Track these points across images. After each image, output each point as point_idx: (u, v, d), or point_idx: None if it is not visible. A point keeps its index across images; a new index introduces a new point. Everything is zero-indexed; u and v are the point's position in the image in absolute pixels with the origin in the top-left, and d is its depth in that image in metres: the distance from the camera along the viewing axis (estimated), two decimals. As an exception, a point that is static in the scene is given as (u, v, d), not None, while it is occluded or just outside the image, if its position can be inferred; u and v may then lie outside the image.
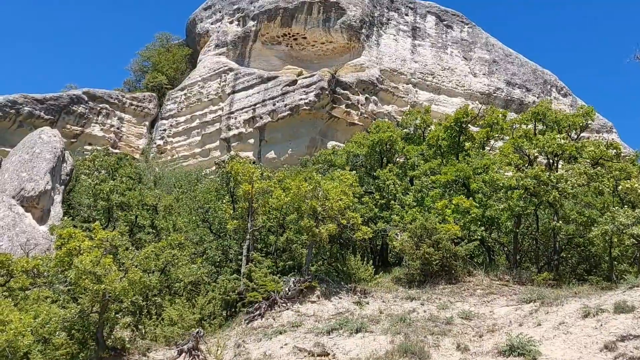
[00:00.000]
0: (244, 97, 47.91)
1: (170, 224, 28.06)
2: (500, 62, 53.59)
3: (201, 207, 27.83)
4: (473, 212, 20.47)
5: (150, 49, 60.98)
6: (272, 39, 50.40)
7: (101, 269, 16.69)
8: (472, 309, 16.97)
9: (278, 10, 49.42)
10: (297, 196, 20.50)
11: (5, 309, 15.32)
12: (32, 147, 33.58)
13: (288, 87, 45.47)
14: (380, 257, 25.02)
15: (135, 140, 52.63)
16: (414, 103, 48.32)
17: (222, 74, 50.42)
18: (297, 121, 44.19)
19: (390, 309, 17.75)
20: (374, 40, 49.91)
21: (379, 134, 26.25)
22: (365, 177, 25.83)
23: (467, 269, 20.45)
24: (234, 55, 51.45)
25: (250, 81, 48.30)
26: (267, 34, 50.18)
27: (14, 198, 29.78)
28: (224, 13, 54.07)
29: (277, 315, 18.42)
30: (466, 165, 22.27)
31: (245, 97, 47.77)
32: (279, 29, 49.68)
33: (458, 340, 14.67)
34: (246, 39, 50.99)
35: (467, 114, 24.16)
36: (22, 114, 46.11)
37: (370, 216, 23.07)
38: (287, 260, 22.04)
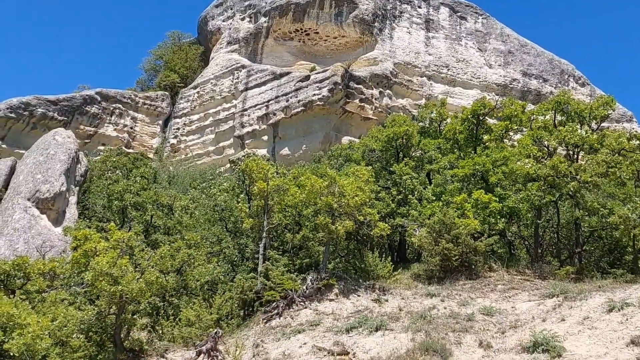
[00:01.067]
0: (257, 93, 47.98)
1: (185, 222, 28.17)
2: (515, 52, 52.95)
3: (217, 206, 27.91)
4: (492, 206, 20.24)
5: (163, 47, 61.38)
6: (284, 34, 50.37)
7: (117, 270, 16.74)
8: (493, 305, 16.77)
9: (290, 5, 49.37)
10: (313, 193, 20.43)
11: (23, 312, 15.38)
12: (46, 148, 33.94)
13: (301, 83, 45.42)
14: (399, 253, 24.87)
15: (148, 140, 53.02)
16: (429, 96, 47.96)
17: (235, 71, 50.54)
18: (310, 117, 44.14)
19: (410, 306, 17.62)
20: (387, 34, 49.61)
21: (394, 127, 26.08)
22: (381, 172, 25.69)
23: (488, 264, 20.23)
24: (246, 52, 51.55)
25: (263, 78, 48.34)
26: (279, 29, 50.15)
27: (29, 200, 30.12)
28: (235, 10, 54.17)
29: (295, 314, 18.37)
30: (485, 158, 22.03)
31: (259, 93, 47.83)
32: (290, 24, 49.65)
33: (480, 337, 14.52)
34: (258, 35, 51.03)
35: (485, 106, 23.86)
36: (36, 116, 46.63)
37: (387, 212, 22.92)
38: (304, 258, 21.98)
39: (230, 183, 31.79)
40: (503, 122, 24.03)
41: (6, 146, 45.16)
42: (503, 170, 21.29)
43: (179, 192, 35.52)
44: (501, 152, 22.06)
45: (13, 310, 15.07)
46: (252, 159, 25.52)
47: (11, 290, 18.15)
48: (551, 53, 55.68)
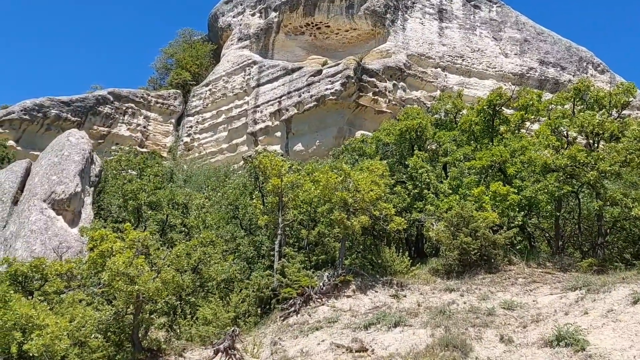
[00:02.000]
0: (269, 89, 47.98)
1: (200, 221, 28.31)
2: (532, 40, 52.12)
3: (231, 204, 27.98)
4: (511, 198, 19.99)
5: (174, 46, 61.61)
6: (295, 29, 50.26)
7: (134, 270, 16.83)
8: (514, 299, 16.59)
9: (300, -1, 49.27)
10: (327, 188, 20.38)
11: (42, 313, 15.49)
12: (60, 149, 34.27)
13: (313, 78, 45.30)
14: (416, 248, 24.73)
15: (162, 139, 53.32)
16: (444, 87, 47.50)
17: (246, 68, 50.58)
18: (323, 112, 44.02)
19: (428, 301, 17.51)
20: (399, 25, 49.23)
21: (408, 121, 25.87)
22: (396, 166, 25.53)
23: (507, 257, 20.00)
24: (257, 48, 51.54)
25: (275, 73, 48.31)
26: (290, 24, 50.05)
27: (45, 202, 30.39)
28: (245, 5, 54.18)
29: (312, 311, 18.35)
30: (502, 149, 21.75)
31: (270, 89, 47.83)
32: (301, 18, 49.52)
33: (501, 331, 14.37)
34: (269, 30, 51.00)
35: (501, 96, 23.54)
36: (50, 117, 47.14)
37: (403, 206, 22.78)
38: (319, 254, 21.96)
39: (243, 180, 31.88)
40: (519, 112, 23.69)
41: (21, 148, 45.65)
42: (521, 160, 20.99)
43: (193, 191, 35.71)
44: (519, 142, 21.76)
45: (32, 311, 15.21)
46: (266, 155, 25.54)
47: (29, 291, 18.31)
48: (569, 40, 54.68)
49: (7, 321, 14.76)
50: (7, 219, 30.32)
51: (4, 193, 31.75)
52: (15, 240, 27.89)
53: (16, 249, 26.67)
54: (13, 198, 31.56)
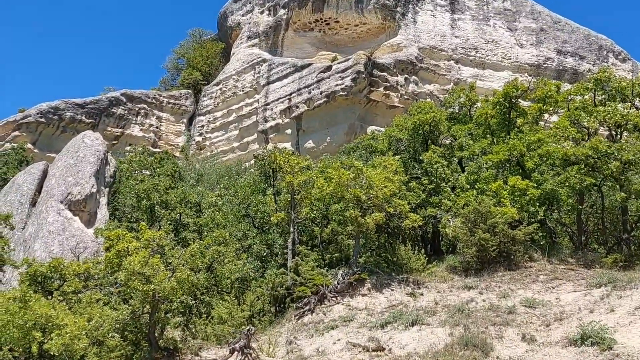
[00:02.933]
0: (279, 87, 47.67)
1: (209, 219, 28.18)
2: (548, 30, 50.87)
3: (242, 202, 27.77)
4: (530, 193, 19.39)
5: (184, 46, 61.82)
6: (304, 25, 49.83)
7: (149, 270, 16.82)
8: (536, 297, 16.10)
9: (309, -5, 48.79)
10: (340, 185, 20.01)
11: (61, 313, 15.62)
12: (76, 151, 34.52)
13: (323, 74, 44.87)
14: (432, 245, 24.23)
15: (174, 138, 53.54)
16: (458, 80, 46.68)
17: (256, 66, 50.33)
18: (334, 108, 43.58)
19: (446, 299, 17.09)
20: (410, 18, 48.52)
21: (420, 115, 25.32)
22: (409, 161, 25.02)
23: (528, 253, 19.43)
24: (267, 46, 51.24)
25: (284, 71, 47.97)
26: (299, 21, 49.64)
27: (61, 203, 30.65)
28: (254, 4, 53.88)
29: (327, 310, 18.07)
30: (519, 142, 21.14)
31: (280, 87, 47.52)
32: (310, 15, 49.07)
33: (523, 330, 13.93)
34: (278, 28, 50.64)
35: (517, 88, 22.88)
36: (65, 119, 47.65)
37: (418, 202, 22.29)
38: (333, 252, 21.67)
39: (254, 178, 31.69)
40: (537, 104, 23.02)
41: (38, 150, 46.35)
42: (539, 153, 20.35)
43: (206, 190, 35.63)
44: (536, 135, 21.13)
45: (51, 311, 15.32)
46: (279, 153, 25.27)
47: (48, 291, 18.39)
48: (587, 29, 53.16)
49: (28, 321, 14.89)
50: (25, 220, 30.73)
51: (22, 195, 32.15)
52: (34, 241, 28.22)
53: (35, 249, 27.05)
54: (31, 200, 31.98)
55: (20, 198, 32.04)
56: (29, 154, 43.87)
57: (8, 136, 46.99)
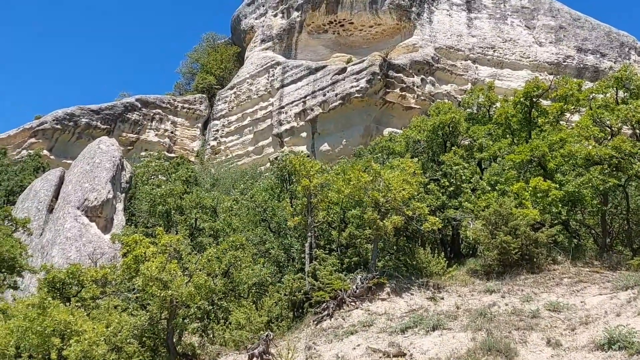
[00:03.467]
0: (293, 90, 47.83)
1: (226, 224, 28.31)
2: (568, 27, 50.32)
3: (259, 206, 27.87)
4: (553, 194, 19.16)
5: (198, 50, 62.44)
6: (318, 27, 49.98)
7: (167, 275, 16.96)
8: (560, 300, 15.86)
9: (322, -3, 48.96)
10: (357, 189, 19.98)
11: (79, 319, 15.79)
12: (92, 157, 34.99)
13: (338, 76, 44.93)
14: (452, 248, 24.04)
15: (189, 143, 54.05)
16: (475, 80, 46.42)
17: (270, 69, 50.57)
18: (349, 110, 43.61)
19: (467, 303, 16.93)
20: (425, 18, 48.41)
21: (439, 116, 25.20)
22: (428, 163, 24.91)
23: (551, 256, 19.19)
24: (281, 49, 51.48)
25: (299, 73, 48.14)
26: (313, 23, 49.81)
27: (78, 209, 31.10)
28: (267, 7, 54.20)
29: (346, 315, 18.00)
30: (540, 141, 20.90)
31: (295, 90, 47.68)
32: (324, 16, 49.23)
33: (547, 334, 13.74)
34: (291, 30, 50.87)
35: (538, 87, 22.66)
36: (80, 126, 48.51)
37: (437, 205, 22.16)
38: (352, 256, 21.58)
39: (270, 182, 31.79)
40: (558, 103, 22.78)
41: (54, 157, 47.17)
42: (561, 153, 20.10)
43: (221, 194, 35.84)
44: (557, 135, 20.90)
45: (70, 317, 15.51)
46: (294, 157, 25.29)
47: (66, 297, 18.66)
48: (608, 25, 52.49)
49: (47, 327, 15.07)
50: (43, 227, 31.22)
51: (39, 202, 32.69)
52: (51, 247, 28.73)
53: (53, 255, 27.58)
54: (48, 206, 32.53)
55: (37, 205, 32.53)
56: (45, 160, 44.59)
57: (25, 143, 47.96)
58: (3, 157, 44.02)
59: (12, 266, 22.33)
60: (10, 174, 40.05)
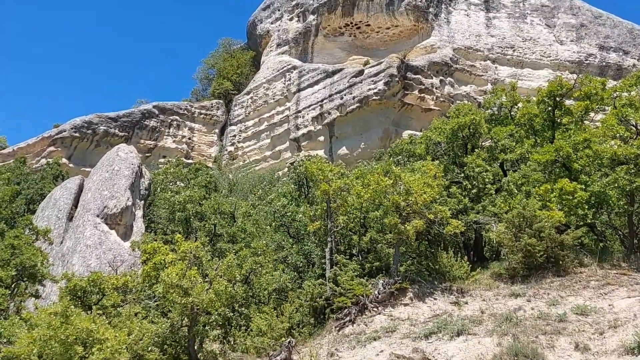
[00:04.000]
0: (310, 94, 48.07)
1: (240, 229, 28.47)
2: (589, 25, 49.90)
3: (277, 212, 28.03)
4: (578, 195, 18.98)
5: (214, 56, 63.18)
6: (334, 30, 50.22)
7: (187, 282, 17.05)
8: (587, 303, 15.70)
9: (338, 0, 49.15)
10: (377, 192, 20.00)
11: (101, 327, 15.82)
12: (110, 164, 35.52)
13: (355, 79, 45.05)
14: (475, 252, 23.91)
15: (206, 149, 54.66)
16: (495, 80, 46.22)
17: (286, 73, 50.91)
18: (367, 113, 43.68)
19: (492, 308, 16.83)
20: (443, 19, 48.35)
21: (459, 118, 25.10)
22: (449, 166, 24.83)
23: (577, 258, 19.00)
24: (297, 53, 51.82)
25: (315, 77, 48.36)
26: (329, 26, 50.07)
27: (98, 216, 31.45)
28: (283, 11, 54.63)
29: (368, 321, 18.00)
30: (564, 142, 20.71)
31: (312, 93, 47.90)
32: (340, 19, 49.47)
33: (575, 339, 13.61)
34: (307, 34, 51.20)
35: (562, 86, 22.47)
36: (98, 133, 49.48)
37: (459, 208, 22.07)
38: (373, 261, 21.58)
39: (288, 187, 31.92)
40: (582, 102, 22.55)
41: (73, 165, 48.11)
42: (587, 153, 19.89)
43: (239, 199, 36.13)
44: (582, 134, 20.69)
45: (92, 325, 15.55)
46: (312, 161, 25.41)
47: (88, 305, 18.72)
48: (631, 22, 51.98)
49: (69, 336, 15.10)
50: (63, 235, 31.63)
51: (59, 210, 33.20)
52: (71, 255, 28.99)
53: (73, 264, 27.73)
54: (68, 214, 32.93)
55: (57, 213, 33.00)
56: (64, 168, 45.39)
57: (44, 152, 48.99)
58: (22, 166, 44.90)
59: (34, 275, 22.63)
60: (30, 183, 40.74)
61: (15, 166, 44.39)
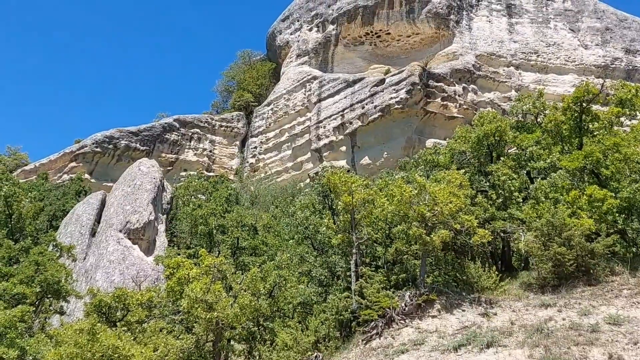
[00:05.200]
0: (331, 104, 48.49)
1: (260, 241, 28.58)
2: (614, 28, 49.76)
3: (300, 225, 28.23)
4: (608, 202, 18.86)
5: (234, 68, 64.08)
6: (354, 39, 50.71)
7: (212, 296, 17.29)
8: (620, 313, 15.61)
9: (357, 9, 49.75)
10: (402, 203, 20.10)
11: (126, 343, 16.11)
12: (132, 179, 36.18)
13: (376, 88, 45.35)
14: (503, 261, 23.83)
15: (228, 161, 55.29)
16: (519, 86, 46.17)
17: (307, 83, 51.45)
18: (389, 122, 43.89)
19: (522, 318, 16.80)
20: (464, 25, 48.54)
21: (484, 126, 25.14)
22: (475, 175, 24.84)
23: (609, 267, 18.86)
24: (317, 63, 52.38)
25: (336, 87, 48.79)
26: (349, 35, 50.59)
27: (121, 232, 31.96)
28: (302, 21, 55.34)
29: (396, 334, 18.06)
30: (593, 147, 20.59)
31: (332, 103, 48.32)
32: (360, 28, 49.97)
33: (609, 349, 13.58)
34: (327, 44, 51.78)
35: (589, 92, 22.38)
36: (120, 148, 50.35)
37: (486, 217, 22.06)
38: (399, 273, 21.56)
39: (310, 199, 32.08)
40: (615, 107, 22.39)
41: (95, 180, 48.86)
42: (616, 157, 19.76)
43: (261, 211, 36.45)
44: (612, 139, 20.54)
45: (117, 342, 15.87)
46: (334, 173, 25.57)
47: (113, 322, 19.10)
48: (657, 25, 51.78)
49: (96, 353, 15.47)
50: (86, 251, 32.07)
51: (82, 226, 33.74)
52: (95, 271, 29.45)
53: (96, 279, 28.23)
54: (91, 230, 33.52)
55: (80, 229, 33.50)
56: (86, 184, 46.24)
57: (65, 167, 49.99)
58: (45, 182, 45.75)
59: (58, 291, 22.99)
60: (52, 199, 41.37)
61: (37, 182, 45.21)
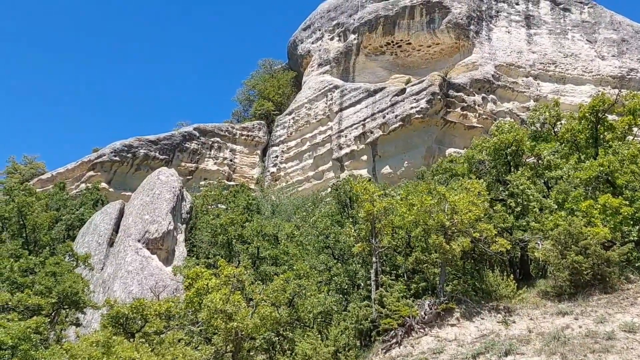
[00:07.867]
0: (352, 113, 49.25)
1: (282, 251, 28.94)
2: (630, 40, 50.52)
3: (321, 234, 28.76)
4: (624, 211, 19.35)
5: (255, 77, 64.50)
6: (375, 49, 51.59)
7: (231, 307, 17.77)
8: (636, 321, 16.06)
9: (379, 19, 50.66)
10: (422, 212, 20.68)
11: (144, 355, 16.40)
12: (151, 188, 36.41)
13: (397, 97, 46.08)
14: (521, 270, 24.29)
15: (248, 170, 55.60)
16: (537, 97, 46.82)
17: (328, 93, 52.28)
18: (410, 131, 44.53)
19: (540, 326, 17.31)
20: (484, 36, 49.29)
21: (501, 135, 25.77)
22: (493, 184, 25.41)
23: (624, 275, 19.32)
24: (338, 72, 53.27)
25: (357, 96, 49.60)
26: (370, 45, 51.48)
27: (139, 242, 31.95)
28: (323, 30, 56.32)
29: (415, 342, 18.47)
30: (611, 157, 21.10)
31: (354, 113, 49.08)
32: (381, 38, 50.84)
33: (625, 357, 14.08)
34: (349, 53, 52.68)
35: (604, 102, 22.91)
36: (139, 157, 50.37)
37: (505, 226, 22.61)
38: (419, 281, 22.00)
39: (331, 208, 32.56)
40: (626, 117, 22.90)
41: (113, 189, 48.82)
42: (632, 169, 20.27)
43: (283, 221, 36.87)
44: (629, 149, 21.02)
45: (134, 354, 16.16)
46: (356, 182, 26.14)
47: (130, 333, 19.41)
48: (672, 37, 52.22)
49: None
50: (104, 261, 32.35)
51: (100, 236, 34.06)
52: (113, 281, 29.68)
53: (114, 290, 28.51)
54: (109, 240, 33.80)
55: (97, 239, 33.87)
56: (104, 193, 46.14)
57: (83, 176, 49.89)
58: (62, 191, 45.59)
59: (75, 302, 22.95)
60: (69, 208, 41.24)
61: (54, 192, 45.09)
